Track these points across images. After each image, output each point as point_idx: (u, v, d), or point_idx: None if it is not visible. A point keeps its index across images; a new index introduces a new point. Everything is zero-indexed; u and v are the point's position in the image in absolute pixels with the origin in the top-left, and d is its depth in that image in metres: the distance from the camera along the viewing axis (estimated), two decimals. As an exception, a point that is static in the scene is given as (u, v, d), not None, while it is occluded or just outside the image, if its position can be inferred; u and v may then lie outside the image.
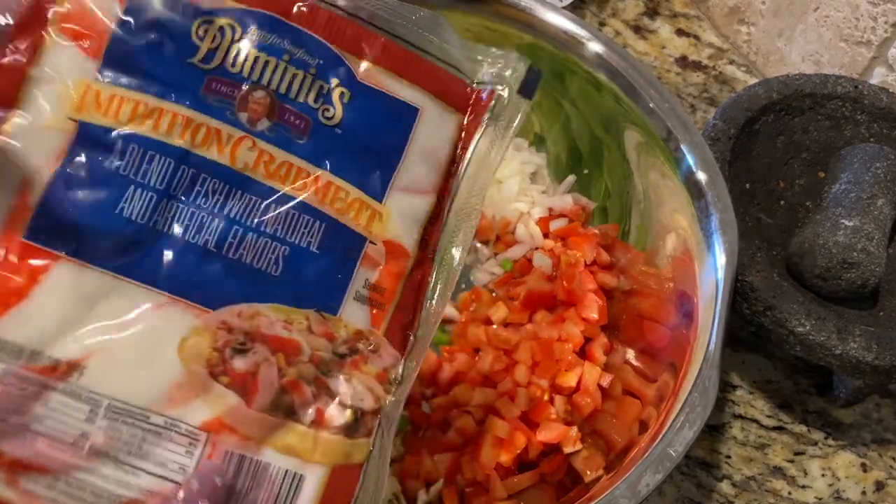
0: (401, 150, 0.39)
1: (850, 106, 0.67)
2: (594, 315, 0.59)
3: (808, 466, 0.63)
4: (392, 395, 0.38)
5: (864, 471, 0.64)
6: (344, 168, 0.38)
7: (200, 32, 0.36)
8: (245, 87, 0.36)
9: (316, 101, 0.37)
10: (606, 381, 0.57)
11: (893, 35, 0.71)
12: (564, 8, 0.63)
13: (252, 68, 0.37)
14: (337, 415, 0.36)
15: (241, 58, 0.37)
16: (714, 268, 0.54)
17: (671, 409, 0.50)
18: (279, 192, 0.37)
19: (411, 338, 0.39)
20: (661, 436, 0.48)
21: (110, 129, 0.35)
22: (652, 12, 0.87)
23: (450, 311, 0.65)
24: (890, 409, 0.66)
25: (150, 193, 0.35)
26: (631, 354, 0.59)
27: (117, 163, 0.35)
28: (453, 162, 0.40)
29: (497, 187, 0.69)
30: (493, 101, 0.41)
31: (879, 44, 0.72)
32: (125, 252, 0.35)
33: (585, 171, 0.68)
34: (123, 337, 0.35)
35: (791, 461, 0.63)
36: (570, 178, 0.69)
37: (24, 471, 0.34)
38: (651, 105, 0.60)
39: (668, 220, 0.60)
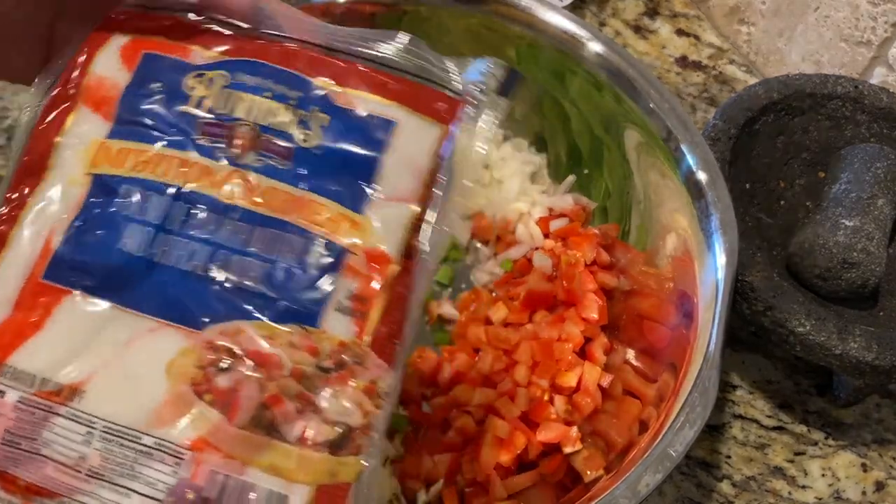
0: (377, 162, 0.41)
1: (850, 106, 0.67)
2: (594, 315, 0.59)
3: (808, 466, 0.63)
4: (382, 409, 0.38)
5: (865, 471, 0.64)
6: (324, 186, 0.40)
7: (192, 84, 0.41)
8: (232, 126, 0.40)
9: (294, 127, 0.41)
10: (606, 381, 0.57)
11: (894, 35, 0.71)
12: (564, 8, 0.63)
13: (235, 107, 0.40)
14: (320, 431, 0.37)
15: (228, 100, 0.41)
16: (714, 268, 0.54)
17: (671, 409, 0.50)
18: (263, 215, 0.39)
19: (398, 347, 0.39)
20: (661, 436, 0.48)
21: (117, 178, 0.39)
22: (652, 12, 0.87)
23: (450, 311, 0.65)
24: (890, 409, 0.66)
25: (147, 229, 0.39)
26: (631, 354, 0.59)
27: (120, 205, 0.39)
28: (436, 171, 0.42)
29: (497, 187, 0.69)
30: (469, 104, 0.43)
31: (880, 44, 0.72)
32: (124, 283, 0.38)
33: (585, 171, 0.68)
34: (118, 361, 0.37)
35: (791, 461, 0.63)
36: (570, 178, 0.69)
37: (36, 495, 0.36)
38: (651, 105, 0.60)
39: (668, 220, 0.60)
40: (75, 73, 0.41)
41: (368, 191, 0.40)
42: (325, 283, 0.39)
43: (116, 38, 0.42)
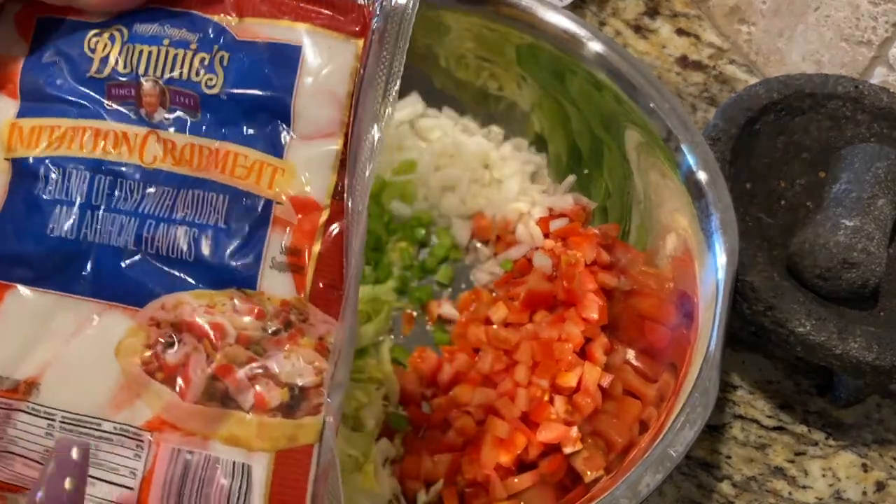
0: (289, 95, 0.37)
1: (850, 106, 0.67)
2: (594, 315, 0.59)
3: (808, 467, 0.63)
4: (332, 363, 0.36)
5: (865, 471, 0.63)
6: (238, 133, 0.37)
7: (92, 45, 0.37)
8: (138, 84, 0.37)
9: (198, 73, 0.37)
10: (607, 381, 0.57)
11: (894, 35, 0.71)
12: (564, 8, 0.63)
13: (138, 63, 0.37)
14: (273, 395, 0.35)
15: (130, 56, 0.37)
16: (714, 268, 0.54)
17: (671, 409, 0.50)
18: (184, 175, 0.36)
19: (342, 297, 0.37)
20: (661, 436, 0.48)
21: (35, 159, 0.37)
22: (652, 12, 0.86)
23: (450, 311, 0.65)
24: (890, 409, 0.66)
25: (73, 209, 0.36)
26: (631, 354, 0.59)
27: (42, 187, 0.37)
28: (357, 92, 0.37)
29: (497, 187, 0.69)
30: (377, 8, 0.38)
31: (880, 44, 0.72)
32: (62, 269, 0.36)
33: (585, 171, 0.68)
34: (69, 350, 0.36)
35: (792, 461, 0.63)
36: (571, 178, 0.69)
37: (7, 492, 0.35)
38: (651, 105, 0.59)
39: (668, 220, 0.60)
40: None
41: (285, 131, 0.37)
42: (256, 241, 0.36)
43: (9, 6, 0.38)
